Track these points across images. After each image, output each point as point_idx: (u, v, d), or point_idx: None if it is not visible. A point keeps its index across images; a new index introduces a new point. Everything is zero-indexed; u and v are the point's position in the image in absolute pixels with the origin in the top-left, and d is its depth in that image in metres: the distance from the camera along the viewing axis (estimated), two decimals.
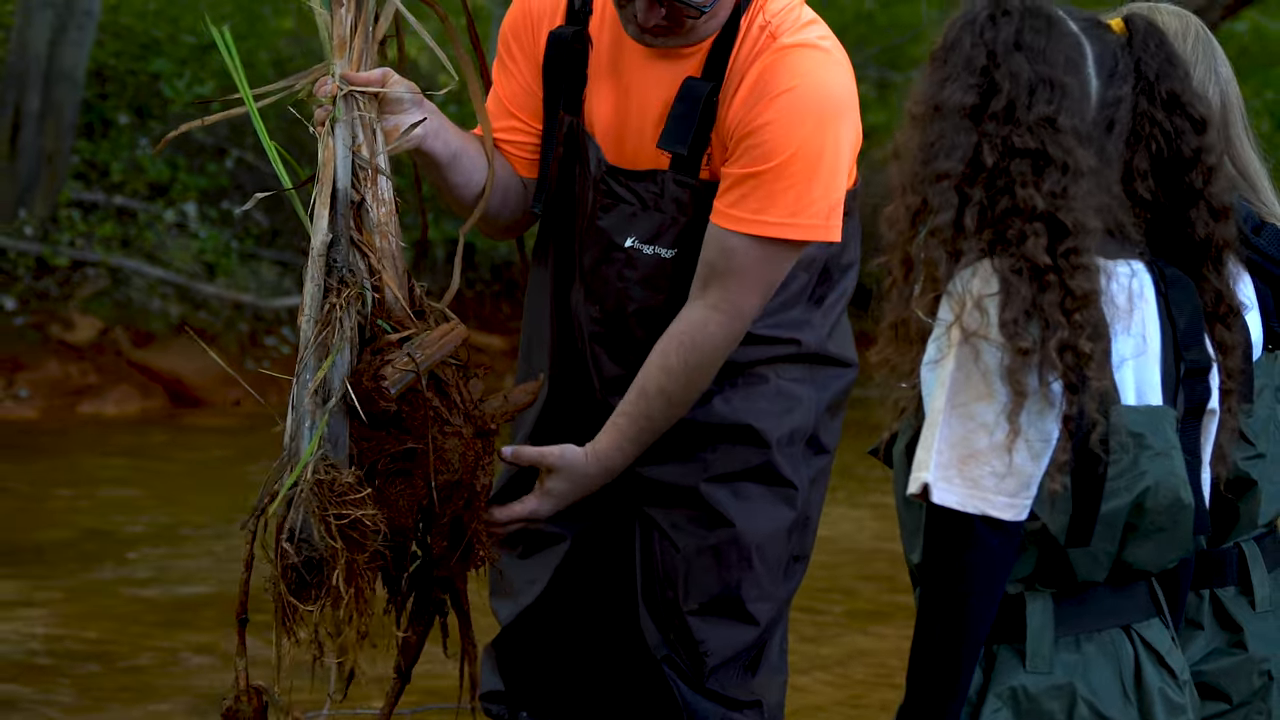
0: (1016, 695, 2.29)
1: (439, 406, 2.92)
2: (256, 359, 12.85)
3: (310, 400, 2.86)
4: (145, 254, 12.86)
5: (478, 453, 2.96)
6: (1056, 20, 2.29)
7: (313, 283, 2.92)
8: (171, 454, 10.57)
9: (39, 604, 6.87)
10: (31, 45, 12.49)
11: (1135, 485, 2.27)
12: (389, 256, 2.98)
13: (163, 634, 6.50)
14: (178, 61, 14.07)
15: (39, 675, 5.95)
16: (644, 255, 3.19)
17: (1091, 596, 2.32)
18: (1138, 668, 2.33)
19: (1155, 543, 2.32)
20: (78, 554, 7.78)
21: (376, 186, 2.98)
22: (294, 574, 2.86)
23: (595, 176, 3.20)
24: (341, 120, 2.96)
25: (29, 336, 12.10)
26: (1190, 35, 2.76)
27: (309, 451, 2.84)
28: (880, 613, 6.90)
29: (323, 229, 2.92)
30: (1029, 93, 2.24)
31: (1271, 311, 2.76)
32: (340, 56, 2.99)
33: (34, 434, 11.01)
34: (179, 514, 8.75)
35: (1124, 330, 2.30)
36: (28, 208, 12.52)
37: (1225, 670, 2.74)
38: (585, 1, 3.21)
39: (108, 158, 13.37)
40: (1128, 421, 2.27)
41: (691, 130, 3.11)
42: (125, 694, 5.79)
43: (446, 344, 2.95)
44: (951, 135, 2.25)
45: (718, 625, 3.24)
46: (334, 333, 2.87)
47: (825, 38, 3.14)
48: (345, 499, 2.82)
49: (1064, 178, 2.22)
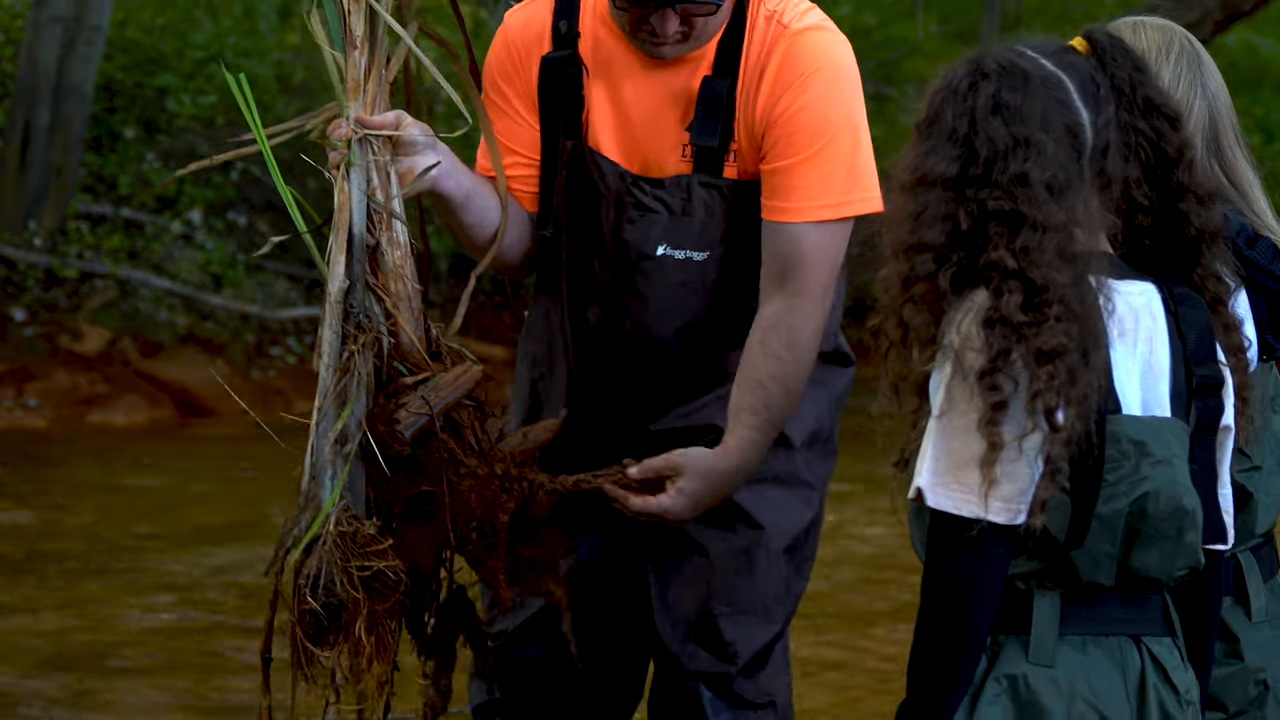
0: (1016, 684, 2.31)
1: (454, 448, 2.89)
2: (262, 369, 12.85)
3: (330, 450, 2.83)
4: (152, 265, 12.86)
5: (495, 492, 2.92)
6: (1033, 73, 2.33)
7: (330, 330, 2.88)
8: (179, 463, 10.56)
9: (47, 610, 6.86)
10: (41, 61, 12.49)
11: (1135, 489, 2.29)
12: (405, 300, 2.94)
13: (169, 641, 6.49)
14: (184, 76, 14.07)
15: (46, 681, 5.94)
16: (676, 261, 3.18)
17: (1101, 603, 2.34)
18: (1142, 679, 2.34)
19: (1160, 550, 2.33)
20: (86, 562, 7.77)
21: (391, 230, 2.95)
22: (312, 619, 2.82)
23: (617, 190, 3.17)
24: (356, 164, 2.92)
25: (38, 347, 12.10)
26: (1175, 48, 2.75)
27: (330, 502, 2.81)
28: (877, 618, 6.89)
29: (339, 275, 2.89)
30: (1004, 156, 2.29)
31: (1265, 324, 2.75)
32: (354, 99, 2.96)
33: (43, 443, 11.00)
34: (186, 522, 8.74)
35: (1130, 346, 2.33)
36: (37, 220, 12.52)
37: (1221, 680, 2.73)
38: (571, 26, 3.19)
39: (115, 171, 13.37)
40: (1129, 430, 2.30)
41: (719, 126, 3.10)
42: (132, 701, 5.77)
43: (460, 386, 2.91)
44: (934, 206, 2.31)
45: (744, 625, 3.24)
46: (352, 380, 2.85)
47: (827, 20, 3.17)
48: (368, 550, 2.80)
49: (1036, 235, 2.27)
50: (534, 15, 3.23)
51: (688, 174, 3.15)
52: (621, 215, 3.18)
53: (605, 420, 3.27)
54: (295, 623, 2.84)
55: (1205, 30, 12.06)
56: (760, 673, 3.27)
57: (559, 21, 3.20)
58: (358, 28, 2.94)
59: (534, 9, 3.24)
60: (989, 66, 2.34)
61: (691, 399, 3.25)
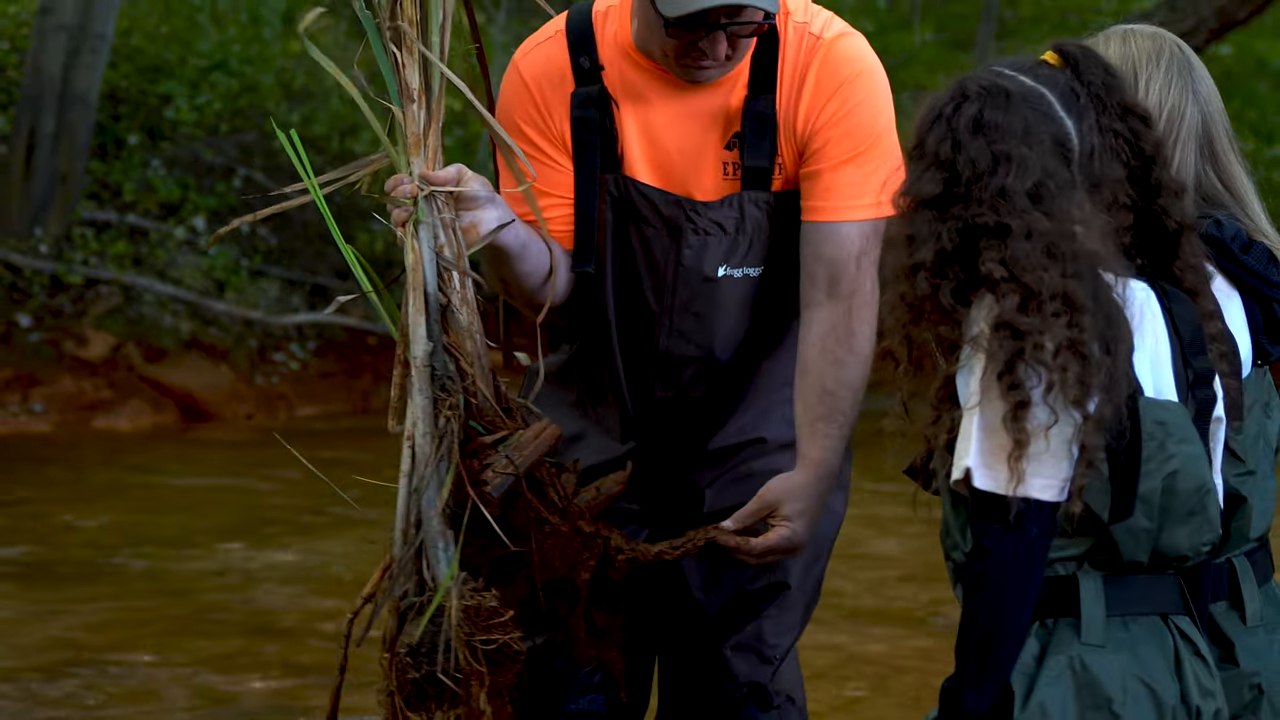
0: (1074, 665, 2.37)
1: (539, 507, 2.86)
2: (266, 374, 12.86)
3: (439, 520, 2.78)
4: (157, 271, 12.87)
5: (576, 549, 2.89)
6: (1014, 90, 2.41)
7: (421, 395, 2.82)
8: (183, 467, 10.57)
9: (53, 613, 6.86)
10: (46, 69, 12.51)
11: (1164, 467, 2.38)
12: (477, 358, 2.89)
13: (175, 643, 6.49)
14: (188, 83, 14.09)
15: (54, 685, 5.94)
16: (736, 280, 3.17)
17: (1133, 581, 2.41)
18: (1177, 652, 2.42)
19: (1189, 526, 2.42)
20: (92, 566, 7.77)
21: (465, 289, 2.90)
22: (414, 688, 2.77)
23: (672, 217, 3.14)
24: (425, 222, 2.87)
25: (43, 352, 12.10)
26: (1165, 55, 2.75)
27: (449, 575, 2.76)
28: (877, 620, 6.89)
29: (422, 338, 2.84)
30: (986, 173, 2.37)
31: (1260, 328, 2.75)
32: (416, 155, 2.88)
33: (48, 448, 11.01)
34: (190, 526, 8.74)
35: (1139, 336, 2.41)
36: (42, 227, 12.53)
37: None
38: (593, 61, 3.15)
39: (120, 178, 13.38)
40: (1153, 413, 2.38)
41: (770, 144, 3.11)
42: (137, 703, 5.78)
43: (541, 444, 2.87)
44: (924, 227, 2.40)
45: (782, 626, 3.25)
46: (444, 444, 2.80)
47: (849, 26, 3.19)
48: (491, 624, 2.76)
49: (1021, 242, 2.35)
50: (550, 55, 3.18)
51: (737, 192, 3.14)
52: (679, 241, 3.15)
53: (663, 444, 3.26)
54: (394, 690, 2.78)
55: (1200, 38, 12.07)
56: (781, 671, 3.27)
57: (579, 58, 3.15)
58: (414, 81, 2.88)
59: (547, 49, 3.19)
60: (971, 89, 2.42)
61: (741, 413, 3.25)
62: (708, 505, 3.22)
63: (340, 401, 12.94)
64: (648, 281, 3.19)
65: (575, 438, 3.24)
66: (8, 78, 13.59)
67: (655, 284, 3.18)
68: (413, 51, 2.86)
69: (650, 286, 3.19)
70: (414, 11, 2.86)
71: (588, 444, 3.25)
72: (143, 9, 15.09)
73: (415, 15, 2.86)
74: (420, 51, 2.86)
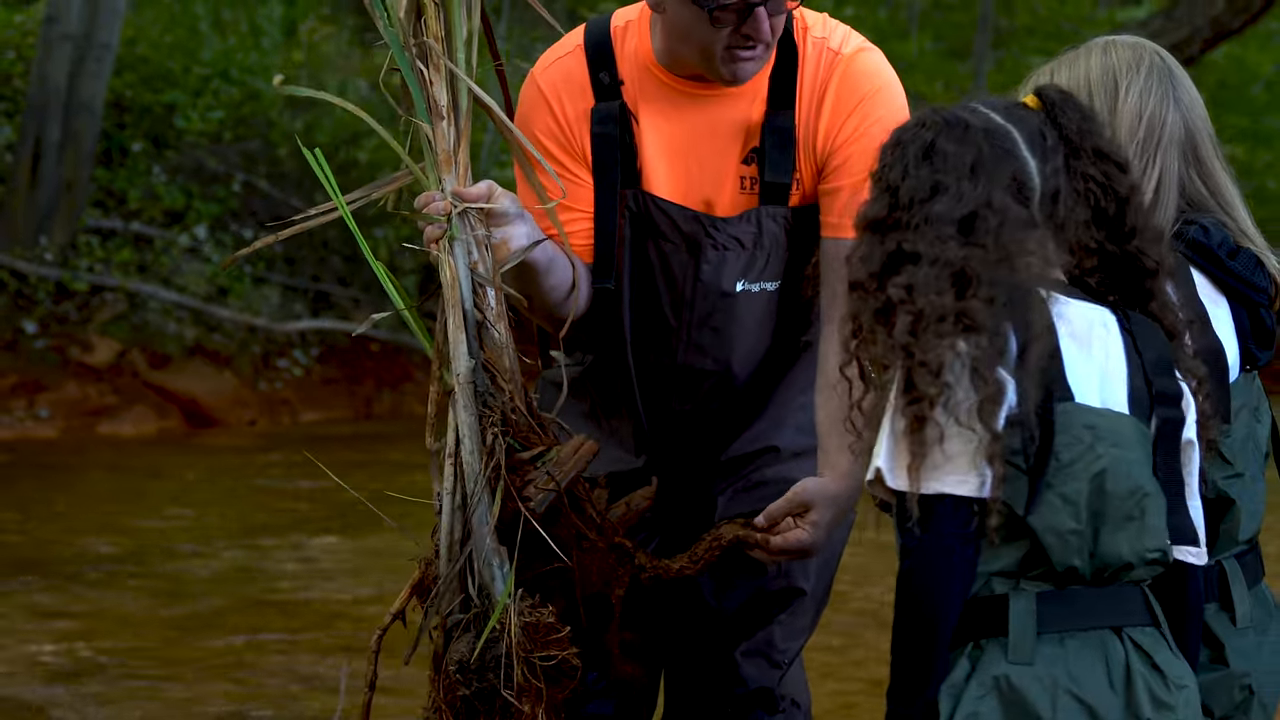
0: (1000, 684, 2.35)
1: (579, 523, 2.84)
2: (269, 380, 12.87)
3: (492, 538, 2.76)
4: (161, 278, 12.89)
5: (612, 565, 2.89)
6: (975, 124, 2.44)
7: (466, 412, 2.79)
8: (187, 472, 10.58)
9: (60, 616, 6.87)
10: (51, 77, 12.53)
11: (1091, 467, 2.36)
12: (511, 374, 2.86)
13: (182, 645, 6.50)
14: (192, 92, 14.10)
15: (59, 689, 5.94)
16: (754, 294, 3.15)
17: (1077, 596, 2.38)
18: (1128, 666, 2.38)
19: (1127, 532, 2.39)
20: (97, 568, 7.78)
21: (500, 305, 2.87)
22: (464, 704, 2.74)
23: (690, 233, 3.13)
24: (459, 239, 2.84)
25: (49, 359, 12.12)
26: (1144, 64, 2.76)
27: (506, 592, 2.73)
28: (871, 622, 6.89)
29: (464, 355, 2.81)
30: (923, 200, 2.40)
31: (1248, 333, 2.75)
32: (448, 171, 2.85)
33: (54, 453, 11.02)
34: (194, 530, 8.74)
35: (1085, 351, 2.41)
36: (48, 234, 12.55)
37: (1207, 685, 2.72)
38: (612, 76, 3.13)
39: (125, 185, 13.40)
40: (1082, 418, 2.37)
41: (790, 159, 3.10)
42: (146, 702, 5.78)
43: (580, 459, 2.85)
44: (865, 248, 2.44)
45: (793, 630, 3.26)
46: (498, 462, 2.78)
47: (866, 40, 3.19)
48: (549, 639, 2.74)
49: (924, 269, 2.37)
50: (569, 70, 3.16)
51: (755, 207, 3.13)
52: (697, 256, 3.14)
53: (677, 455, 3.25)
54: (443, 705, 2.75)
55: (1194, 47, 12.09)
56: (787, 675, 3.27)
57: (598, 73, 3.14)
58: (442, 98, 2.85)
59: (565, 63, 3.17)
60: (932, 119, 2.45)
61: (755, 423, 3.25)
62: (719, 513, 3.21)
63: (343, 407, 12.95)
64: (666, 296, 3.17)
65: None
66: (14, 86, 13.61)
67: (673, 299, 3.17)
68: (440, 68, 2.84)
69: (668, 301, 3.17)
70: (439, 28, 2.83)
71: (603, 455, 3.24)
72: (147, 18, 15.11)
73: (440, 32, 2.84)
74: (447, 68, 2.84)
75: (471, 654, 2.72)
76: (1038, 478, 2.35)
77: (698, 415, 3.22)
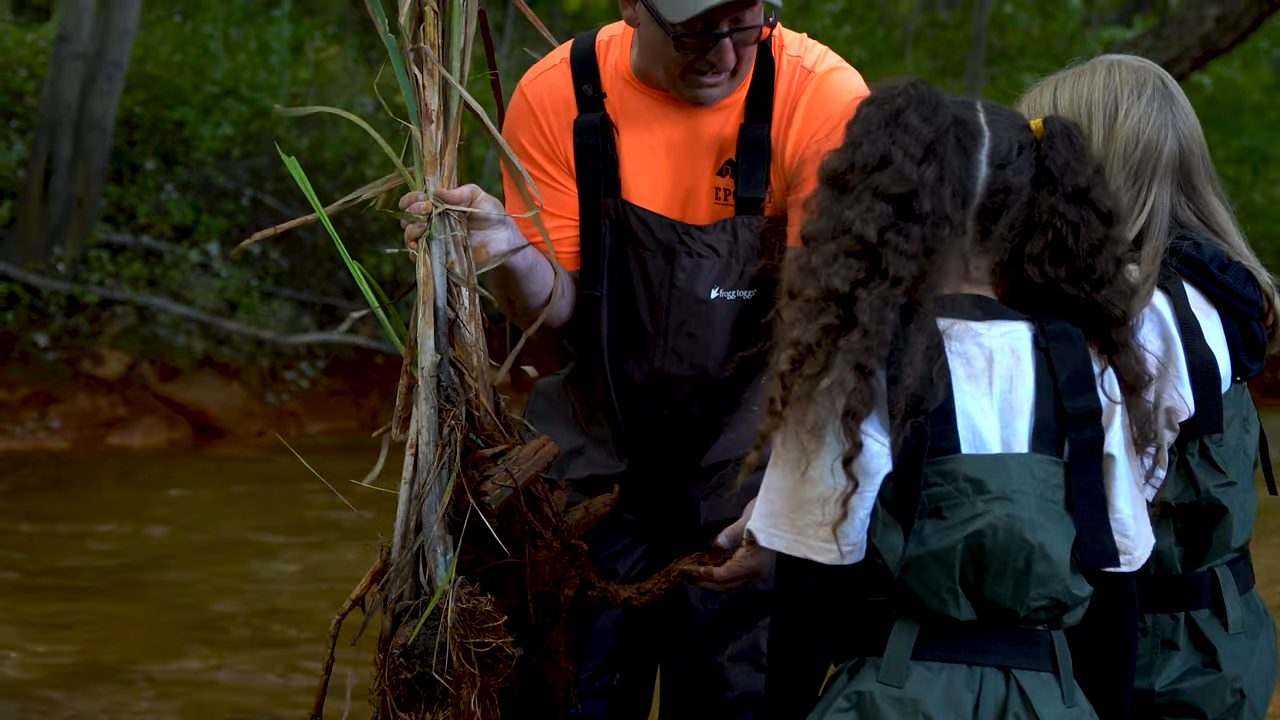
0: (863, 699, 2.35)
1: (534, 521, 2.86)
2: (277, 392, 12.88)
3: (440, 526, 2.79)
4: (170, 292, 12.89)
5: (564, 565, 2.90)
6: (949, 110, 2.38)
7: (427, 404, 2.82)
8: (196, 482, 10.58)
9: (71, 625, 6.87)
10: (63, 95, 12.54)
11: (969, 526, 2.31)
12: (480, 373, 2.89)
13: (190, 653, 6.50)
14: (201, 110, 14.12)
15: (68, 691, 5.94)
16: (728, 302, 3.17)
17: (967, 634, 2.36)
18: (1004, 707, 2.35)
19: (1014, 582, 2.34)
20: (105, 577, 7.78)
21: (473, 306, 2.90)
22: (405, 688, 2.76)
23: (667, 241, 3.16)
24: (437, 239, 2.87)
25: (60, 371, 12.12)
26: (1149, 87, 2.76)
27: (447, 579, 2.77)
28: None
29: (430, 349, 2.84)
30: (872, 169, 2.35)
31: (1239, 345, 2.76)
32: (432, 173, 2.88)
33: (65, 464, 11.02)
34: (204, 539, 8.75)
35: (983, 386, 2.35)
36: (59, 248, 12.56)
37: (1200, 689, 2.73)
38: (595, 89, 3.18)
39: (135, 201, 13.41)
40: (966, 469, 2.33)
41: (762, 172, 3.12)
42: (155, 711, 5.78)
43: (540, 459, 2.87)
44: (824, 201, 2.39)
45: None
46: (453, 454, 2.80)
47: (842, 60, 3.20)
48: (485, 627, 2.76)
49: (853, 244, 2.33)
50: (555, 82, 3.21)
51: (730, 217, 3.15)
52: (673, 264, 3.17)
53: (657, 459, 3.26)
54: (386, 689, 2.78)
55: (1184, 66, 12.10)
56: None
57: (582, 86, 3.18)
58: (433, 102, 2.87)
59: (551, 76, 3.22)
60: (910, 89, 2.40)
61: (732, 430, 3.25)
62: (704, 518, 3.22)
63: (348, 418, 12.95)
64: (644, 302, 3.20)
65: (575, 451, 3.26)
66: (26, 104, 13.63)
67: (651, 305, 3.19)
68: (433, 74, 2.87)
69: (646, 307, 3.20)
70: (436, 35, 2.87)
71: (587, 458, 3.27)
72: (157, 37, 15.13)
73: (437, 39, 2.87)
74: (440, 74, 2.87)
75: (412, 639, 2.74)
76: (908, 533, 2.31)
77: (675, 420, 3.23)
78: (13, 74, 13.92)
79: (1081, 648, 2.45)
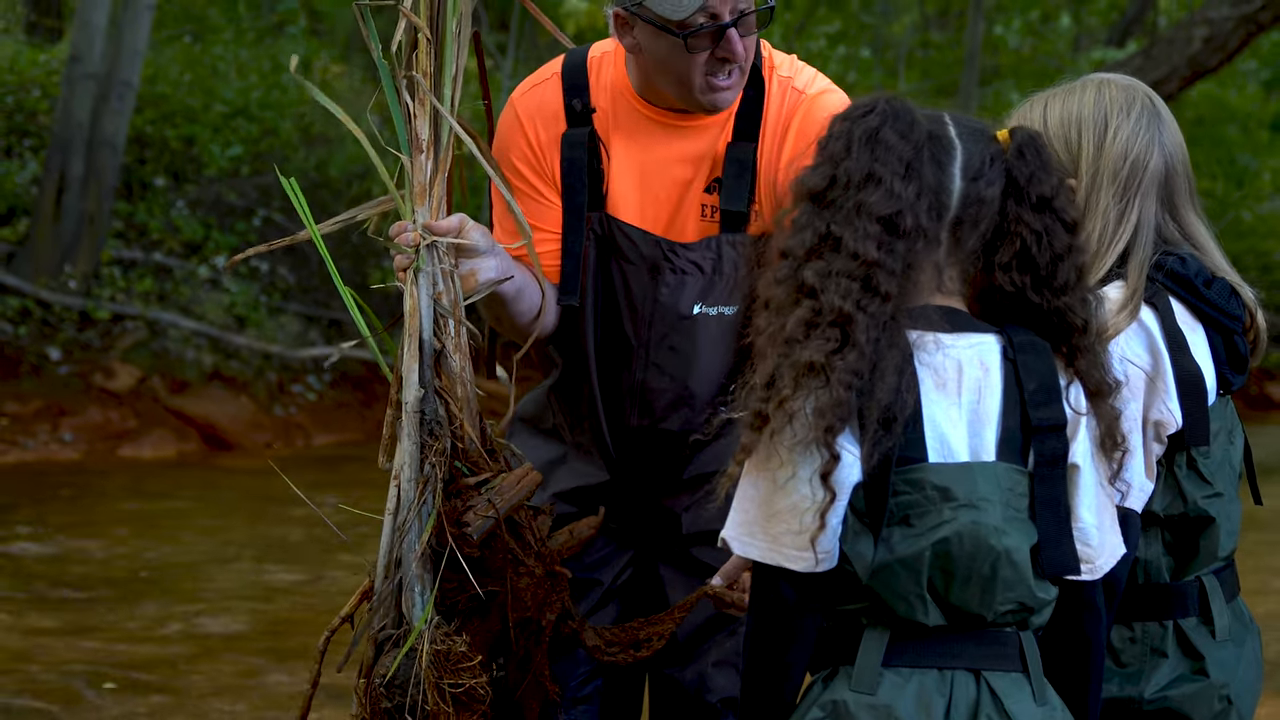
0: (836, 707, 2.34)
1: (515, 549, 2.85)
2: (284, 405, 12.87)
3: (419, 564, 2.78)
4: (180, 307, 12.90)
5: (547, 590, 2.90)
6: (921, 124, 2.37)
7: (410, 440, 2.80)
8: (206, 494, 10.58)
9: (82, 635, 6.86)
10: (75, 114, 12.55)
11: (935, 534, 2.31)
12: (466, 403, 2.87)
13: (199, 662, 6.49)
14: (211, 128, 14.13)
15: (80, 701, 5.94)
16: (711, 318, 3.17)
17: (935, 639, 2.35)
18: (976, 708, 2.34)
19: (981, 588, 2.34)
20: (120, 588, 7.78)
21: (459, 336, 2.88)
22: (386, 716, 2.76)
23: (651, 257, 3.16)
24: (424, 270, 2.84)
25: (72, 384, 12.13)
26: (1137, 105, 2.77)
27: (423, 619, 2.77)
28: None
29: (414, 383, 2.82)
30: (858, 186, 2.33)
31: (1223, 359, 2.76)
32: (421, 203, 2.85)
33: (77, 475, 11.02)
34: (213, 550, 8.74)
35: (952, 397, 2.35)
36: (71, 265, 12.56)
37: (1188, 696, 2.73)
38: (585, 104, 3.17)
39: (146, 218, 13.42)
40: (933, 477, 2.32)
41: (747, 189, 3.12)
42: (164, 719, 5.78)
43: (522, 488, 2.87)
44: (804, 217, 2.36)
45: None
46: (428, 488, 2.79)
47: (832, 84, 3.20)
48: (459, 668, 2.76)
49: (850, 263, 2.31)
50: (545, 98, 3.20)
51: (715, 235, 3.14)
52: (657, 279, 3.16)
53: (640, 470, 3.26)
54: (366, 717, 2.78)
55: (1173, 85, 12.11)
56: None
57: (572, 100, 3.18)
58: (423, 131, 2.85)
59: (542, 91, 3.21)
60: (883, 105, 2.38)
61: (714, 442, 3.24)
62: (685, 528, 3.22)
63: (354, 431, 12.95)
64: (627, 316, 3.19)
65: (557, 461, 3.26)
66: (39, 123, 13.65)
67: (634, 319, 3.19)
68: (425, 103, 2.85)
69: (629, 320, 3.19)
70: (429, 64, 2.84)
71: (570, 469, 3.26)
72: (166, 57, 15.15)
73: (430, 67, 2.84)
74: (431, 103, 2.85)
75: (392, 671, 2.75)
76: (877, 540, 2.31)
77: (658, 432, 3.22)
78: (26, 94, 13.94)
79: (1047, 655, 2.44)
